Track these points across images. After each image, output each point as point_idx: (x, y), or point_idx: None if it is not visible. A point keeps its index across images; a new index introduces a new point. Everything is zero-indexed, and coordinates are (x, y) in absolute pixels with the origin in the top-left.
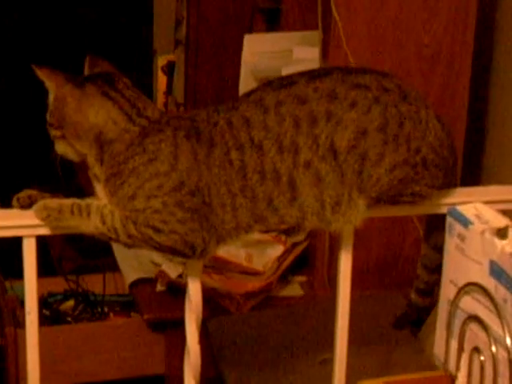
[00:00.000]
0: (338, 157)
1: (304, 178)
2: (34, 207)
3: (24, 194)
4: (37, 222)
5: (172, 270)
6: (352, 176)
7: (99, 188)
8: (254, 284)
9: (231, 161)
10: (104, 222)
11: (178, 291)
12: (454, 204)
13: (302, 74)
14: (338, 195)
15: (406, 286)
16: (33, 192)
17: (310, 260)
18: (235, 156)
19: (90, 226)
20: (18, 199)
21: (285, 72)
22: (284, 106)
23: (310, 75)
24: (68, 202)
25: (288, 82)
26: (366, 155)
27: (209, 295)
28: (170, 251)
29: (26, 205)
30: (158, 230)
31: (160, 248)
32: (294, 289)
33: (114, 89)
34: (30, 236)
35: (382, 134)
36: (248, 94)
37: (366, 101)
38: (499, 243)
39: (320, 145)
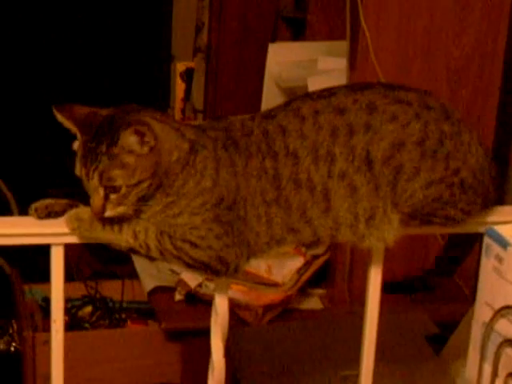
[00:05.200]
0: (374, 167)
1: (338, 188)
2: (66, 216)
3: (41, 203)
4: (65, 230)
5: (191, 279)
6: (386, 188)
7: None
8: (273, 296)
9: (266, 169)
10: (136, 238)
11: (196, 301)
12: (492, 223)
13: (342, 86)
14: (372, 208)
15: (428, 303)
16: (50, 201)
17: (330, 273)
18: (270, 164)
19: (121, 240)
20: (36, 209)
21: (310, 82)
22: (322, 116)
23: (351, 87)
24: None
25: (328, 93)
26: (401, 168)
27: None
28: (203, 268)
29: (44, 215)
30: (195, 245)
31: (193, 264)
32: (314, 302)
33: (150, 112)
34: (58, 244)
35: (420, 147)
36: (286, 104)
37: (406, 115)
38: None
39: (356, 155)
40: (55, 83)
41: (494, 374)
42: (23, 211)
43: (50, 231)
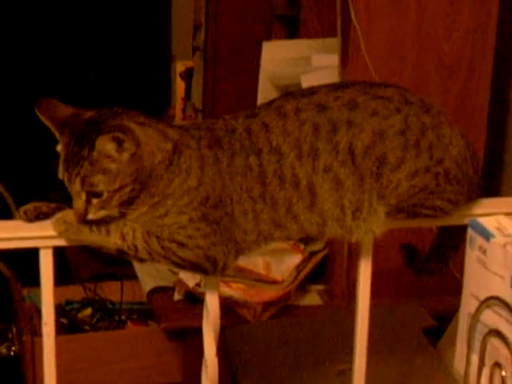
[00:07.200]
0: (356, 158)
1: (323, 182)
2: (53, 219)
3: (30, 206)
4: (53, 233)
5: (190, 278)
6: (371, 180)
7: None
8: (271, 293)
9: (251, 166)
10: (124, 240)
11: (195, 300)
12: (476, 215)
13: (324, 85)
14: (357, 200)
15: (424, 295)
16: (38, 204)
17: (328, 269)
18: (254, 161)
19: (109, 242)
20: (25, 212)
21: (304, 80)
22: (304, 113)
23: (332, 86)
24: None
25: (310, 91)
26: (384, 158)
27: (226, 304)
28: (192, 266)
29: (33, 217)
30: (182, 245)
31: (181, 263)
32: (313, 298)
33: (133, 116)
34: (46, 247)
35: (401, 137)
36: (269, 103)
37: (387, 110)
38: None
39: (340, 150)
40: (55, 84)
41: (481, 364)
42: None
43: (38, 234)
